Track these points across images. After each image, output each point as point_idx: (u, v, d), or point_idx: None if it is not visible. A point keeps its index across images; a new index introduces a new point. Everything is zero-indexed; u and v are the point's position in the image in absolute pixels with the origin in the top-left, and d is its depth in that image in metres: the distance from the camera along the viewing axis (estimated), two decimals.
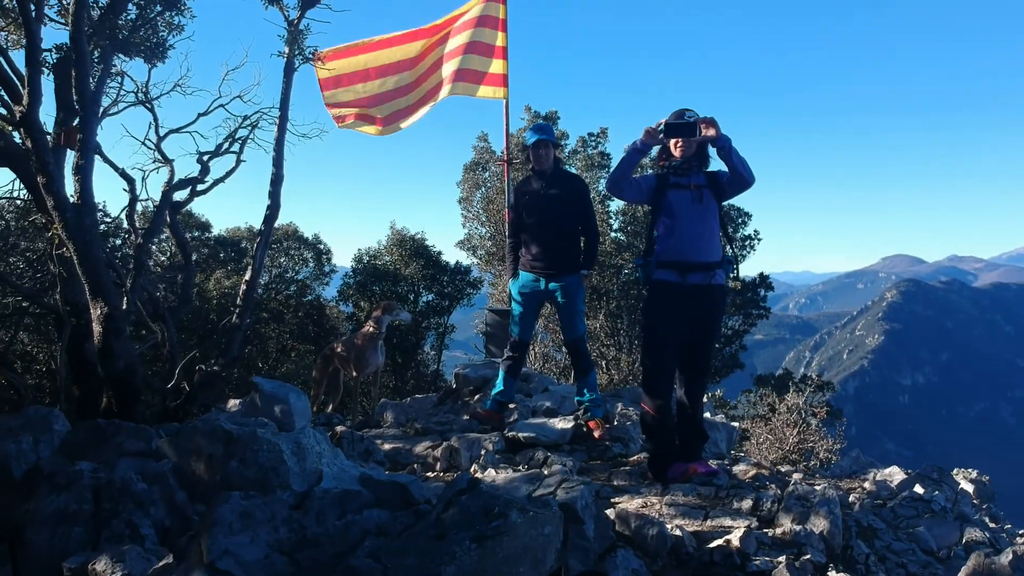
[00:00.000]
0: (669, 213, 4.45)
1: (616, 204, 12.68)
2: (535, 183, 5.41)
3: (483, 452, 4.61)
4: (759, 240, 11.78)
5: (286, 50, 5.46)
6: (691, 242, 4.39)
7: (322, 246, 13.80)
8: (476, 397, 6.43)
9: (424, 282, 13.76)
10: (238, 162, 6.39)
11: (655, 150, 4.60)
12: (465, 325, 16.11)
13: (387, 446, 5.22)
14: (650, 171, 5.86)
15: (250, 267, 5.53)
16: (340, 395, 7.11)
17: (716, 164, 4.52)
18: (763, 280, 11.60)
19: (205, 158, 5.86)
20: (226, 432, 2.80)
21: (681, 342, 4.48)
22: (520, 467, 4.40)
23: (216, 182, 6.28)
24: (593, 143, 12.86)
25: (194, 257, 13.03)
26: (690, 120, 4.26)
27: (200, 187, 6.18)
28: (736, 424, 6.97)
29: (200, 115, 6.61)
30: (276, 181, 5.56)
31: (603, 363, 11.35)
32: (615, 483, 4.51)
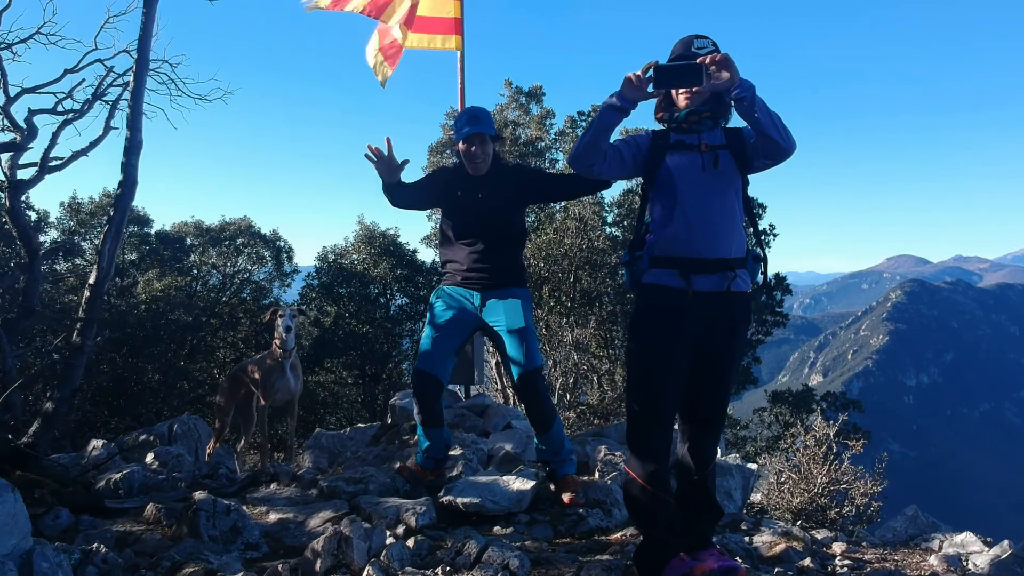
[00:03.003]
0: (668, 186, 2.98)
1: (612, 193, 11.15)
2: (468, 179, 3.97)
3: (390, 540, 3.13)
4: (775, 236, 10.22)
5: None
6: (700, 228, 2.91)
7: (282, 243, 12.34)
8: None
9: (397, 284, 12.29)
10: (106, 129, 4.96)
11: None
12: None
13: (274, 516, 3.74)
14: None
15: (95, 266, 4.05)
16: (253, 426, 5.65)
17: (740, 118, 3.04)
18: (779, 282, 10.05)
19: (39, 119, 4.40)
20: None
21: (685, 376, 3.02)
22: (439, 568, 2.92)
23: (76, 155, 4.84)
24: (584, 123, 11.33)
25: (134, 256, 11.62)
26: (693, 63, 2.75)
27: (53, 162, 4.73)
28: (754, 466, 5.49)
29: (67, 71, 5.15)
30: (131, 149, 4.07)
31: (595, 377, 9.85)
32: None
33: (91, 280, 4.06)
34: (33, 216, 10.01)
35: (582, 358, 8.78)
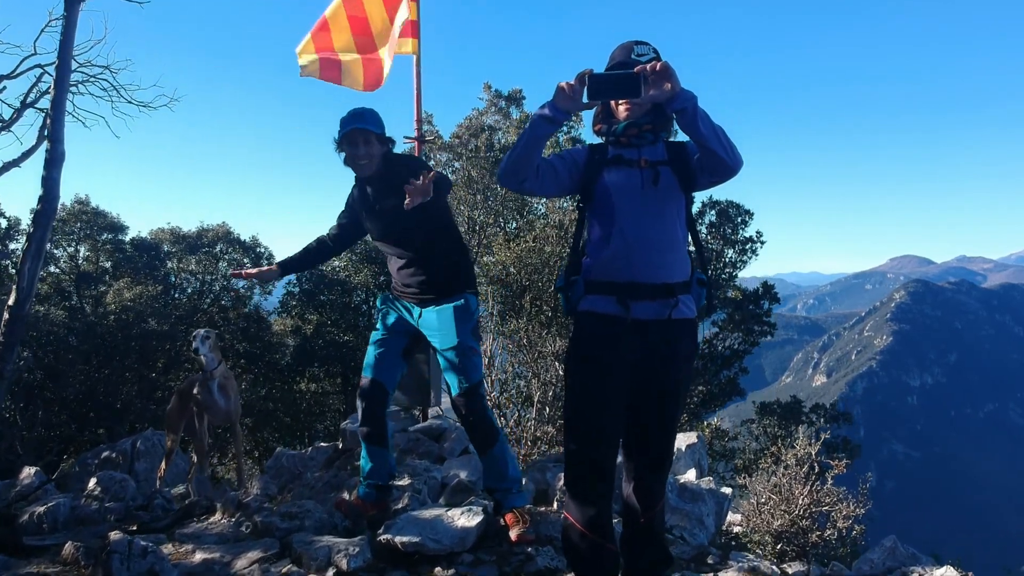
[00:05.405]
0: (606, 204, 2.72)
1: None
2: (365, 191, 3.65)
3: None
4: (762, 244, 9.90)
5: None
6: (639, 250, 2.65)
7: (262, 249, 12.06)
8: None
9: (380, 291, 12.05)
10: (40, 139, 4.70)
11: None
12: None
13: (200, 556, 3.49)
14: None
15: (14, 287, 3.80)
16: (205, 446, 5.40)
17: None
18: (767, 290, 9.73)
19: None
20: None
21: (625, 410, 2.77)
22: None
23: (7, 166, 4.59)
24: (565, 129, 11.09)
25: (108, 264, 11.38)
26: (630, 72, 2.47)
27: None
28: (728, 490, 5.23)
29: (2, 77, 4.93)
30: (52, 162, 3.82)
31: None
32: None
33: (10, 302, 3.80)
34: (4, 223, 9.82)
35: (561, 371, 8.50)
